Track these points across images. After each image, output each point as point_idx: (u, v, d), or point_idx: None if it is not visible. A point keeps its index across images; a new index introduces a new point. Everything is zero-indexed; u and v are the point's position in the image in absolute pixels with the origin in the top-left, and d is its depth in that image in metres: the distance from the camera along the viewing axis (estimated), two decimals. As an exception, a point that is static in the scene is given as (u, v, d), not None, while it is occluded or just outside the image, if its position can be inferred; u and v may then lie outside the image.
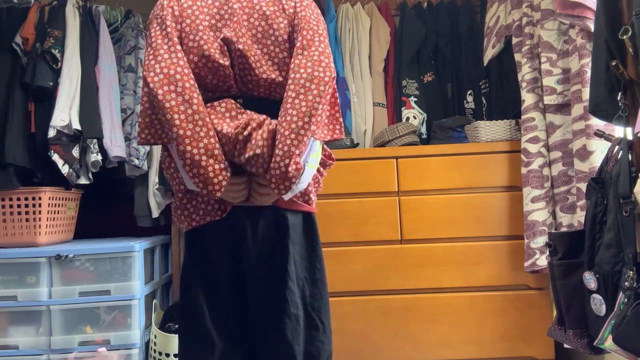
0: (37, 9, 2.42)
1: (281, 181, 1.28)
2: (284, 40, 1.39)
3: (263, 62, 1.37)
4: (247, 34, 1.38)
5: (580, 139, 1.96)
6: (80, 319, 2.21)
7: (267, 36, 1.38)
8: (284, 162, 1.27)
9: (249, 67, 1.36)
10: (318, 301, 1.44)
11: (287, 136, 1.27)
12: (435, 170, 2.30)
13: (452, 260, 2.26)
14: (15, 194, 2.27)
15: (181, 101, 1.28)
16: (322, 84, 1.31)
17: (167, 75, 1.29)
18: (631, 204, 1.31)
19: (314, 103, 1.29)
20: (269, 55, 1.38)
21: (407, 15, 2.79)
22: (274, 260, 1.38)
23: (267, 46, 1.38)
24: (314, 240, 1.46)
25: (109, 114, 2.43)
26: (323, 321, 1.44)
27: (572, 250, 1.54)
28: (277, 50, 1.38)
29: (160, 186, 2.59)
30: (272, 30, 1.39)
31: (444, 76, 2.77)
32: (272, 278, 1.38)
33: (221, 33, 1.37)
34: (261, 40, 1.38)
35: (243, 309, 1.41)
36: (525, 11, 2.25)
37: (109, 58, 2.51)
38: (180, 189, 1.41)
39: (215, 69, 1.36)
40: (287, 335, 1.36)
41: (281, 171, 1.27)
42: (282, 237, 1.39)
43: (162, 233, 2.74)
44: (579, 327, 1.50)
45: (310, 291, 1.43)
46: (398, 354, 2.25)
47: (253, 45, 1.37)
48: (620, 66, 1.35)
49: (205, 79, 1.37)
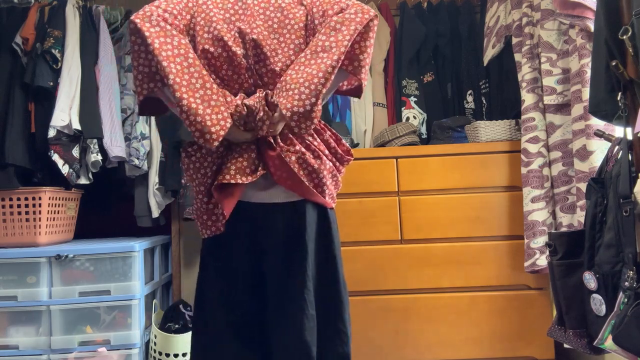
0: (37, 9, 2.42)
1: (304, 120, 1.28)
2: (300, 28, 1.38)
3: (279, 51, 1.37)
4: (263, 25, 1.37)
5: (580, 139, 1.96)
6: (80, 319, 2.21)
7: (282, 26, 1.38)
8: (310, 101, 1.27)
9: (264, 56, 1.35)
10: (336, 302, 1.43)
11: (314, 75, 1.28)
12: (435, 170, 2.30)
13: (452, 260, 2.26)
14: (15, 194, 2.27)
15: (177, 54, 1.28)
16: (352, 23, 1.32)
17: (163, 29, 1.29)
18: (631, 204, 1.31)
19: (343, 41, 1.30)
20: (285, 43, 1.37)
21: (407, 15, 2.79)
22: (293, 258, 1.38)
23: (283, 34, 1.38)
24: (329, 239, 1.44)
25: (109, 114, 2.43)
26: (338, 323, 1.43)
27: (572, 250, 1.54)
28: (293, 37, 1.38)
29: (160, 186, 2.59)
30: (287, 20, 1.38)
31: (444, 76, 2.77)
32: (291, 277, 1.37)
33: (234, 26, 1.37)
34: (277, 30, 1.38)
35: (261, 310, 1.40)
36: (525, 11, 2.25)
37: (109, 58, 2.51)
38: (201, 190, 1.38)
39: (229, 59, 1.34)
40: (306, 337, 1.35)
41: (306, 110, 1.27)
42: (300, 235, 1.38)
43: (162, 233, 2.74)
44: (579, 327, 1.50)
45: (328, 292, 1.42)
46: (398, 354, 2.25)
47: (269, 36, 1.37)
48: (620, 66, 1.35)
49: (220, 70, 1.36)
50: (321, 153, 1.39)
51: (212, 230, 1.40)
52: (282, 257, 1.38)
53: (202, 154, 1.37)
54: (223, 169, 1.35)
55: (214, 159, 1.38)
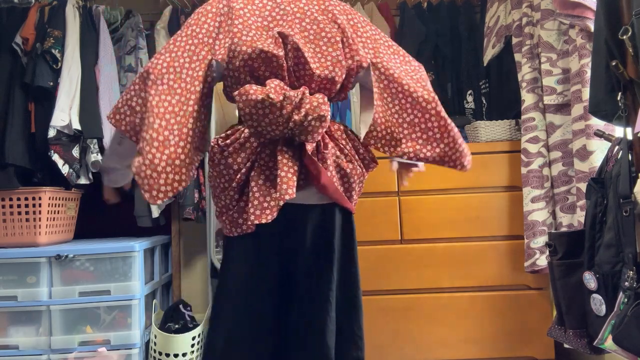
0: (37, 9, 2.42)
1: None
2: (337, 42, 1.40)
3: (317, 59, 1.37)
4: (300, 34, 1.38)
5: (580, 139, 1.96)
6: (80, 319, 2.21)
7: (319, 38, 1.40)
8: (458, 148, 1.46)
9: (304, 60, 1.36)
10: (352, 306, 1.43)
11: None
12: (435, 170, 2.28)
13: (452, 260, 2.26)
14: (15, 194, 2.27)
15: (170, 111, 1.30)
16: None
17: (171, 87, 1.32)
18: (631, 204, 1.31)
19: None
20: (321, 54, 1.38)
21: (407, 15, 2.79)
22: (321, 261, 1.38)
23: (320, 46, 1.39)
24: (351, 243, 1.45)
25: (109, 114, 2.43)
26: (354, 327, 1.43)
27: (572, 250, 1.54)
28: (330, 50, 1.39)
29: (160, 186, 2.58)
30: (324, 33, 1.40)
31: (444, 76, 2.77)
32: (319, 279, 1.38)
33: (274, 31, 1.37)
34: (313, 41, 1.39)
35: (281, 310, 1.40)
36: (525, 11, 2.25)
37: (109, 58, 2.51)
38: (232, 187, 1.35)
39: (268, 60, 1.34)
40: (328, 340, 1.36)
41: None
42: (329, 238, 1.39)
43: (162, 233, 2.74)
44: (579, 327, 1.51)
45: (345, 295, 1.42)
46: (398, 354, 2.25)
47: (306, 44, 1.38)
48: (620, 66, 1.35)
49: (259, 70, 1.35)
50: (352, 157, 1.41)
51: (243, 228, 1.37)
52: (312, 258, 1.38)
53: (234, 149, 1.35)
54: (280, 179, 1.30)
55: (247, 154, 1.34)
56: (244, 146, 1.34)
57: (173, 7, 2.74)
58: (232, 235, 1.39)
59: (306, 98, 1.30)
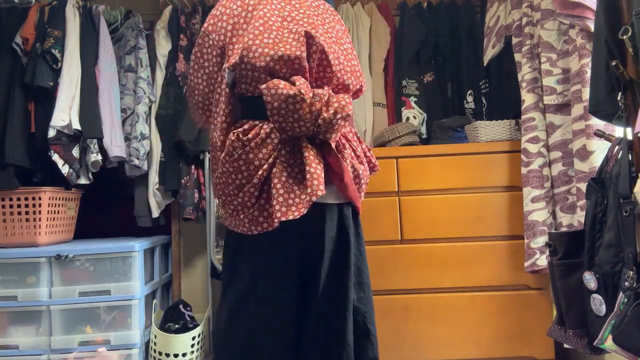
0: (37, 9, 2.42)
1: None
2: (353, 53, 1.48)
3: (339, 62, 1.40)
4: (325, 34, 1.40)
5: (580, 139, 1.96)
6: (80, 319, 2.21)
7: (339, 43, 1.44)
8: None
9: (328, 62, 1.37)
10: (365, 305, 1.44)
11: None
12: (435, 170, 2.30)
13: (452, 260, 2.26)
14: (15, 194, 2.27)
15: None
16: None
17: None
18: (631, 204, 1.31)
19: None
20: (344, 57, 1.43)
21: (407, 15, 2.79)
22: (340, 259, 1.39)
23: (341, 44, 1.44)
24: (362, 242, 1.48)
25: (109, 114, 2.43)
26: (368, 326, 1.44)
27: (572, 250, 1.54)
28: (349, 57, 1.45)
29: (160, 186, 2.59)
30: (342, 40, 1.45)
31: (444, 76, 2.77)
32: (338, 278, 1.39)
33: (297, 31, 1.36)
34: (337, 41, 1.44)
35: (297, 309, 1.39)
36: (525, 11, 2.25)
37: (109, 58, 2.51)
38: (253, 183, 1.30)
39: (290, 62, 1.33)
40: (348, 338, 1.37)
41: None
42: (346, 236, 1.41)
43: (162, 233, 2.74)
44: (579, 327, 1.50)
45: (357, 294, 1.43)
46: (398, 354, 2.25)
47: (332, 45, 1.40)
48: (620, 66, 1.35)
49: (280, 72, 1.34)
50: (363, 159, 1.46)
51: (264, 226, 1.33)
52: (332, 257, 1.39)
53: (256, 144, 1.31)
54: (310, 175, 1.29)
55: (269, 151, 1.31)
56: (265, 142, 1.31)
57: (173, 7, 2.74)
58: (250, 233, 1.34)
59: (333, 97, 1.33)
